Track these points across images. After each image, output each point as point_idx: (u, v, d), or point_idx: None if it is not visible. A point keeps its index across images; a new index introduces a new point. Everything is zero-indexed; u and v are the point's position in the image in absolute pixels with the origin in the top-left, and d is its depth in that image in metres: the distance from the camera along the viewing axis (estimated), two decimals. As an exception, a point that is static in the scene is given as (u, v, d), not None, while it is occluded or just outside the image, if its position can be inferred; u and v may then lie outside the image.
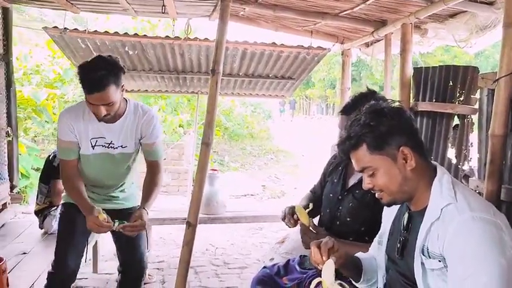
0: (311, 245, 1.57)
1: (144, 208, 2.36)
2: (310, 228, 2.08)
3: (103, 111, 2.20)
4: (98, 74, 2.12)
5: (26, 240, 3.60)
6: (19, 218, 4.49)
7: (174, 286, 3.63)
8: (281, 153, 12.60)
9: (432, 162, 1.52)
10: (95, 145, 2.39)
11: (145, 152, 2.50)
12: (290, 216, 2.17)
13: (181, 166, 8.50)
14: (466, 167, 2.59)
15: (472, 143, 2.58)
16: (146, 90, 6.36)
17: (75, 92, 7.89)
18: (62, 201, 2.62)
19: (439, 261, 1.33)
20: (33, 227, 3.90)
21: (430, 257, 1.36)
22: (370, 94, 2.06)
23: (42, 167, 3.86)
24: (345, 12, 3.45)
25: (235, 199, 7.77)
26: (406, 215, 1.53)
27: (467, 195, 1.37)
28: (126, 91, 6.38)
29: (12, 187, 4.20)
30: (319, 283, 1.52)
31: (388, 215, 1.68)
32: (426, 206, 1.42)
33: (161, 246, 5.01)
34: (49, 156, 3.79)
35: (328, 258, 1.48)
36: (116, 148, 2.42)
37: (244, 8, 3.81)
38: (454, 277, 1.28)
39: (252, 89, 5.98)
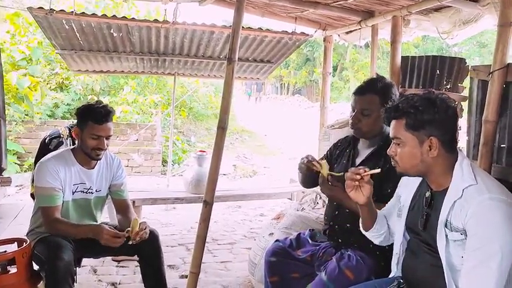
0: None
1: None
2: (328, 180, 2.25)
3: (105, 144, 2.49)
4: (107, 107, 2.49)
5: (26, 222, 3.63)
6: (7, 201, 4.46)
7: (169, 262, 3.83)
8: (246, 133, 12.83)
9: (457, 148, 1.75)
10: (75, 191, 2.57)
11: (114, 193, 2.75)
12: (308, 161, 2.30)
13: (154, 147, 8.53)
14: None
15: (460, 127, 2.89)
16: (122, 71, 6.36)
17: (43, 70, 7.68)
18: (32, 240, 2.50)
19: (461, 234, 1.57)
20: (26, 208, 3.93)
21: (452, 230, 1.60)
22: (380, 79, 2.32)
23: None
24: (337, 3, 3.66)
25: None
26: (429, 194, 1.76)
27: (484, 178, 1.62)
28: (102, 72, 6.36)
29: (0, 170, 4.16)
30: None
31: (406, 191, 1.91)
32: (447, 187, 1.66)
33: (147, 226, 5.12)
34: (44, 138, 3.77)
35: None
36: (93, 193, 2.65)
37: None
38: (471, 246, 1.53)
39: (230, 71, 6.09)
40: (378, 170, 1.78)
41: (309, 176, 2.38)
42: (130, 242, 2.38)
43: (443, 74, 3.10)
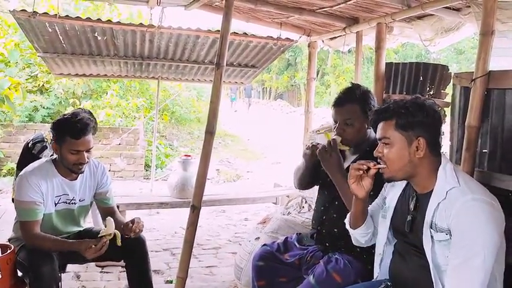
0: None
1: None
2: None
3: (86, 157, 2.39)
4: (84, 119, 2.36)
5: (6, 228, 3.56)
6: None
7: (153, 267, 3.79)
8: (228, 138, 12.82)
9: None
10: (57, 202, 2.51)
11: (100, 201, 2.70)
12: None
13: (137, 151, 8.47)
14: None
15: (443, 132, 2.96)
16: (106, 75, 6.31)
17: (21, 74, 7.53)
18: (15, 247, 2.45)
19: (446, 234, 1.62)
20: (7, 214, 3.86)
21: (437, 231, 1.65)
22: (356, 87, 2.35)
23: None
24: (322, 9, 3.71)
25: (192, 183, 7.92)
26: (414, 197, 1.81)
27: (467, 180, 1.69)
28: (85, 75, 6.29)
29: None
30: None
31: (391, 193, 1.96)
32: (432, 190, 1.71)
33: (131, 231, 5.08)
34: (27, 143, 3.68)
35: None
36: (76, 203, 2.59)
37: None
38: (456, 245, 1.58)
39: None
40: (383, 165, 1.79)
41: (310, 168, 2.40)
42: (132, 235, 2.40)
43: (427, 80, 3.17)
